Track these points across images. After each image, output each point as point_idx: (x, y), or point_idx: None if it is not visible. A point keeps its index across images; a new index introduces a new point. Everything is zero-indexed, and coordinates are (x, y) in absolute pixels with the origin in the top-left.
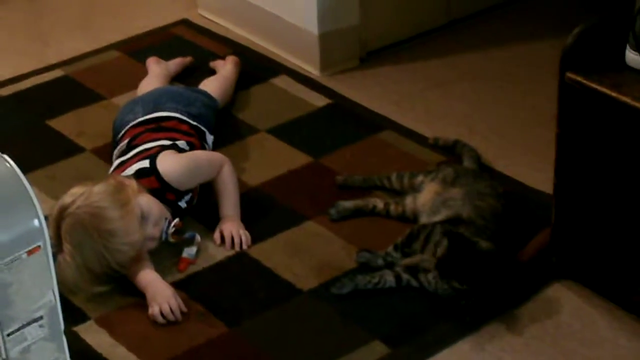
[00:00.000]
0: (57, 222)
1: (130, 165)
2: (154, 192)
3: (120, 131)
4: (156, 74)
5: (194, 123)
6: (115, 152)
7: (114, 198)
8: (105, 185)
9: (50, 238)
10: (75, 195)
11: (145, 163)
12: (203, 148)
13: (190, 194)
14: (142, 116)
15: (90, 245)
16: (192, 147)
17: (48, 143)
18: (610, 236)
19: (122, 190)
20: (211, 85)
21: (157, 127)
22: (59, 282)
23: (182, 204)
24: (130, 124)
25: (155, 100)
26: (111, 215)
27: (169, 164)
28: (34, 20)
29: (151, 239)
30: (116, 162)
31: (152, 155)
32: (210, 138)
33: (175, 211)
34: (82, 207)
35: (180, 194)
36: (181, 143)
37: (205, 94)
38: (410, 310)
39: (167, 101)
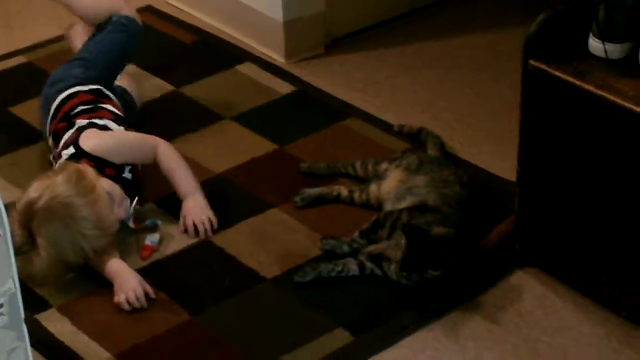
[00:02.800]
0: (26, 217)
1: (59, 159)
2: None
3: (45, 131)
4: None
5: (88, 87)
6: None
7: (80, 185)
8: (67, 174)
9: (16, 235)
10: (41, 188)
11: (71, 150)
12: (108, 112)
13: (130, 165)
14: (45, 112)
15: (66, 235)
16: (113, 119)
17: (10, 130)
18: (574, 224)
19: (84, 177)
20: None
21: (64, 115)
22: (26, 278)
23: (127, 174)
24: (47, 125)
25: (46, 92)
26: (83, 202)
27: (92, 142)
28: None
29: (119, 220)
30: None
31: (74, 140)
32: (105, 90)
33: (124, 186)
34: (53, 199)
35: (119, 167)
36: (98, 120)
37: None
38: (374, 298)
39: (52, 84)
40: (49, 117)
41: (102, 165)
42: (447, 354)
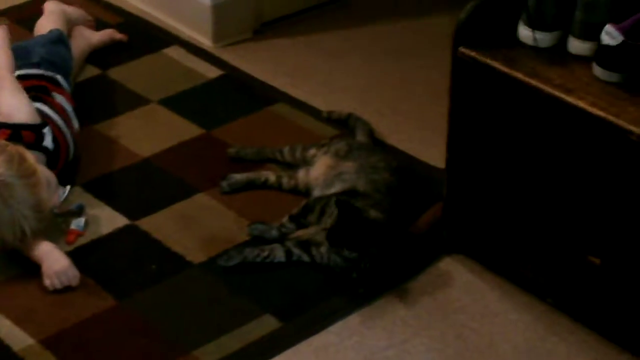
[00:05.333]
0: None
1: None
2: (11, 141)
3: None
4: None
5: (39, 72)
6: None
7: (21, 168)
8: (8, 155)
9: None
10: None
11: None
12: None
13: (48, 128)
14: None
15: (7, 214)
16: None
17: None
18: (501, 211)
19: (25, 160)
20: (45, 25)
21: None
22: None
23: (48, 143)
24: None
25: None
26: (24, 183)
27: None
28: None
29: (53, 207)
30: None
31: None
32: (62, 81)
33: (48, 159)
34: None
35: (36, 130)
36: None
37: (41, 36)
38: (302, 284)
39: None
40: None
41: (18, 129)
42: (375, 339)
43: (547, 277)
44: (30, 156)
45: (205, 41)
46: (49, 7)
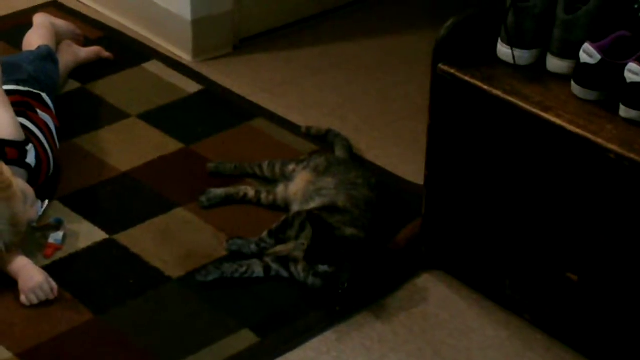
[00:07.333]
0: None
1: None
2: None
3: None
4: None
5: (25, 89)
6: None
7: None
8: None
9: None
10: None
11: None
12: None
13: (31, 145)
14: None
15: None
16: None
17: None
18: (479, 228)
19: (1, 173)
20: (34, 40)
21: None
22: None
23: (30, 159)
24: None
25: None
26: (0, 197)
27: None
28: None
29: (30, 221)
30: None
31: None
32: (47, 98)
33: (29, 176)
34: None
35: (20, 147)
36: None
37: (29, 52)
38: (280, 300)
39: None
40: None
41: (2, 146)
42: (353, 356)
43: (525, 294)
44: (6, 169)
45: (185, 56)
46: (38, 20)
